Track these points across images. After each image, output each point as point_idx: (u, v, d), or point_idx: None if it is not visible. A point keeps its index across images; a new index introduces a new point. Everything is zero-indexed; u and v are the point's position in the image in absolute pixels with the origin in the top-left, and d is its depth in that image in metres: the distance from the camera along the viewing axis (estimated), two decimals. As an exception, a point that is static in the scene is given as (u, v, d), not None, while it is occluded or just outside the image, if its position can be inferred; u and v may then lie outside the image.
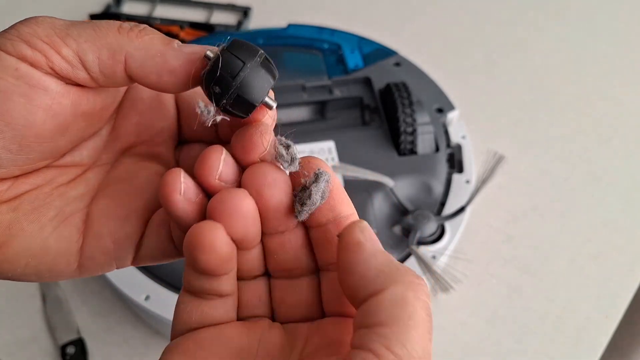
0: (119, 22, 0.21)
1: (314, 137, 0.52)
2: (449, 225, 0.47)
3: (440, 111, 0.55)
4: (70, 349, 0.47)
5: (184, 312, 0.22)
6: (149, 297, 0.43)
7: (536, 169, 0.60)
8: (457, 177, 0.51)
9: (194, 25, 0.73)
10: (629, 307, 0.50)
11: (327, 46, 0.61)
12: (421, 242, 0.47)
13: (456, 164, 0.52)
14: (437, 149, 0.52)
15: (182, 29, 0.72)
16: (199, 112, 0.22)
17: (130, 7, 0.78)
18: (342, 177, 0.49)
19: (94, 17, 0.74)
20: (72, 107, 0.22)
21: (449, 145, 0.53)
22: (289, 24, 0.64)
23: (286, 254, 0.23)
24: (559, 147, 0.62)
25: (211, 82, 0.21)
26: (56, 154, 0.23)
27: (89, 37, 0.21)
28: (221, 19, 0.76)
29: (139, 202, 0.24)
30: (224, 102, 0.21)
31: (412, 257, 0.46)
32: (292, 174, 0.22)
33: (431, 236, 0.47)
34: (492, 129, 0.63)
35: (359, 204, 0.47)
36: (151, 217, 0.24)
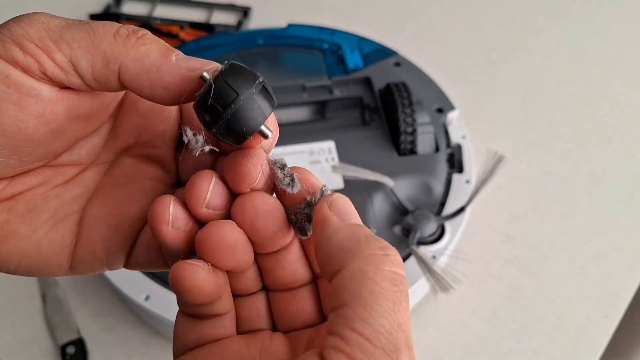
0: (117, 27, 0.21)
1: (314, 137, 0.52)
2: (449, 225, 0.47)
3: (440, 111, 0.55)
4: (70, 349, 0.47)
5: (182, 333, 0.22)
6: (149, 297, 0.43)
7: (536, 169, 0.60)
8: (457, 177, 0.51)
9: (194, 25, 0.73)
10: (629, 307, 0.50)
11: (327, 46, 0.61)
12: (421, 242, 0.47)
13: (456, 164, 0.52)
14: (437, 149, 0.52)
15: (182, 29, 0.72)
16: (186, 140, 0.21)
17: (130, 7, 0.78)
18: (342, 177, 0.49)
19: (94, 17, 0.74)
20: (67, 112, 0.21)
21: (449, 145, 0.53)
22: (289, 24, 0.64)
23: (283, 270, 0.23)
24: (559, 147, 0.62)
25: (202, 110, 0.20)
26: (52, 155, 0.22)
27: (83, 42, 0.20)
28: (221, 19, 0.76)
29: (132, 210, 0.24)
30: (214, 130, 0.20)
31: (412, 257, 0.46)
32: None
33: (431, 236, 0.47)
34: (492, 129, 0.63)
35: (359, 204, 0.47)
36: (144, 227, 0.24)
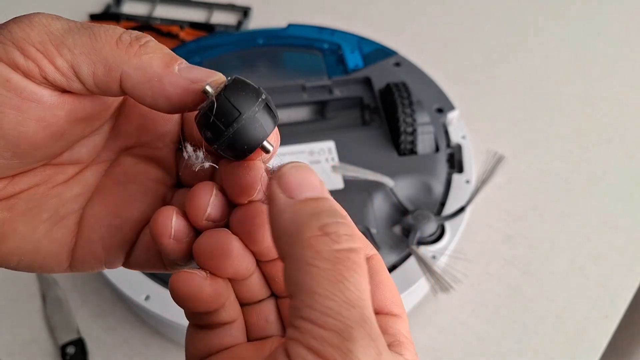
0: (119, 32, 0.20)
1: (314, 137, 0.52)
2: (449, 225, 0.47)
3: (440, 111, 0.55)
4: (70, 349, 0.47)
5: (192, 344, 0.23)
6: (149, 297, 0.43)
7: (536, 169, 0.60)
8: (457, 177, 0.51)
9: (194, 25, 0.73)
10: (629, 307, 0.50)
11: (327, 46, 0.61)
12: (421, 242, 0.47)
13: (456, 164, 0.52)
14: (437, 149, 0.52)
15: (182, 29, 0.72)
16: (186, 157, 0.21)
17: (130, 7, 0.78)
18: (342, 177, 0.49)
19: (94, 17, 0.74)
20: (68, 116, 0.21)
21: (449, 145, 0.53)
22: (289, 24, 0.64)
23: None
24: (559, 147, 0.62)
25: (203, 126, 0.20)
26: (52, 156, 0.23)
27: (85, 47, 0.20)
28: (221, 19, 0.76)
29: (132, 211, 0.24)
30: (215, 146, 0.20)
31: (412, 257, 0.46)
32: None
33: (431, 236, 0.47)
34: (492, 129, 0.63)
35: (359, 204, 0.47)
36: (143, 229, 0.24)
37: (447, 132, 0.54)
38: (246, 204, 0.22)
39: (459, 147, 0.53)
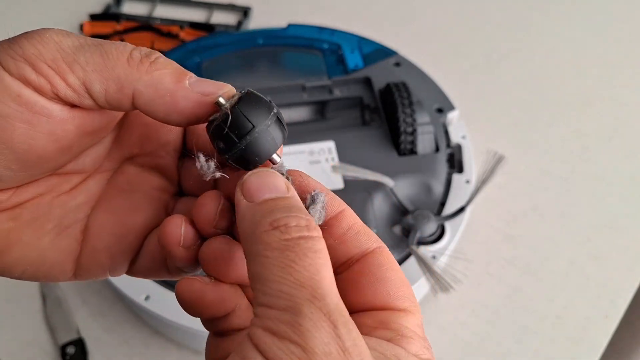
0: (129, 49, 0.21)
1: (314, 137, 0.52)
2: (449, 225, 0.47)
3: (440, 111, 0.55)
4: (70, 349, 0.47)
5: (209, 351, 0.23)
6: (149, 297, 0.43)
7: (536, 169, 0.60)
8: (457, 177, 0.51)
9: (194, 25, 0.73)
10: (629, 307, 0.50)
11: (327, 46, 0.61)
12: (421, 242, 0.47)
13: (456, 164, 0.52)
14: (437, 149, 0.52)
15: (182, 29, 0.72)
16: (198, 166, 0.22)
17: (130, 7, 0.78)
18: (342, 177, 0.49)
19: (94, 17, 0.74)
20: (77, 130, 0.21)
21: (449, 145, 0.53)
22: (289, 24, 0.64)
23: None
24: (559, 147, 0.62)
25: (216, 138, 0.21)
26: (58, 167, 0.23)
27: (97, 65, 0.20)
28: (221, 19, 0.76)
29: (137, 219, 0.24)
30: (227, 157, 0.21)
31: (412, 257, 0.46)
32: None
33: (431, 236, 0.47)
34: (492, 129, 0.63)
35: (359, 204, 0.47)
36: (148, 236, 0.24)
37: (447, 132, 0.54)
38: None
39: (459, 147, 0.53)
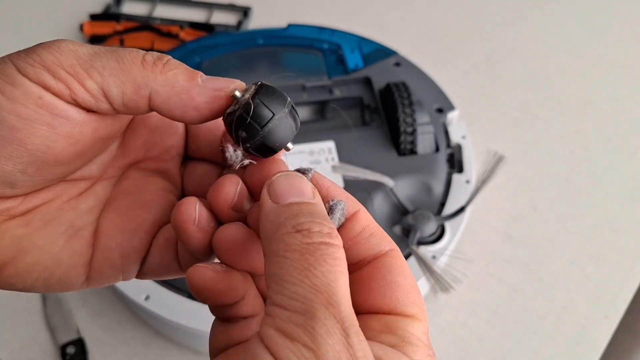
0: (142, 54, 0.22)
1: (314, 137, 0.52)
2: (449, 225, 0.47)
3: (440, 111, 0.55)
4: (70, 349, 0.47)
5: (215, 336, 0.23)
6: (149, 297, 0.43)
7: (536, 169, 0.60)
8: (457, 177, 0.51)
9: (194, 25, 0.73)
10: (629, 307, 0.50)
11: (327, 46, 0.61)
12: (421, 242, 0.47)
13: (456, 164, 0.52)
14: (437, 149, 0.52)
15: (182, 29, 0.72)
16: (227, 156, 0.23)
17: (130, 7, 0.78)
18: (342, 177, 0.49)
19: (94, 17, 0.74)
20: (92, 134, 0.22)
21: (449, 145, 0.53)
22: (289, 24, 0.64)
23: None
24: (559, 147, 0.62)
25: (239, 127, 0.21)
26: (70, 172, 0.23)
27: (113, 70, 0.21)
28: (221, 19, 0.76)
29: (146, 216, 0.24)
30: (247, 145, 0.22)
31: (412, 257, 0.46)
32: None
33: (431, 236, 0.47)
34: (492, 129, 0.63)
35: (359, 204, 0.47)
36: (157, 234, 0.25)
37: (447, 132, 0.54)
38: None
39: (459, 147, 0.53)
